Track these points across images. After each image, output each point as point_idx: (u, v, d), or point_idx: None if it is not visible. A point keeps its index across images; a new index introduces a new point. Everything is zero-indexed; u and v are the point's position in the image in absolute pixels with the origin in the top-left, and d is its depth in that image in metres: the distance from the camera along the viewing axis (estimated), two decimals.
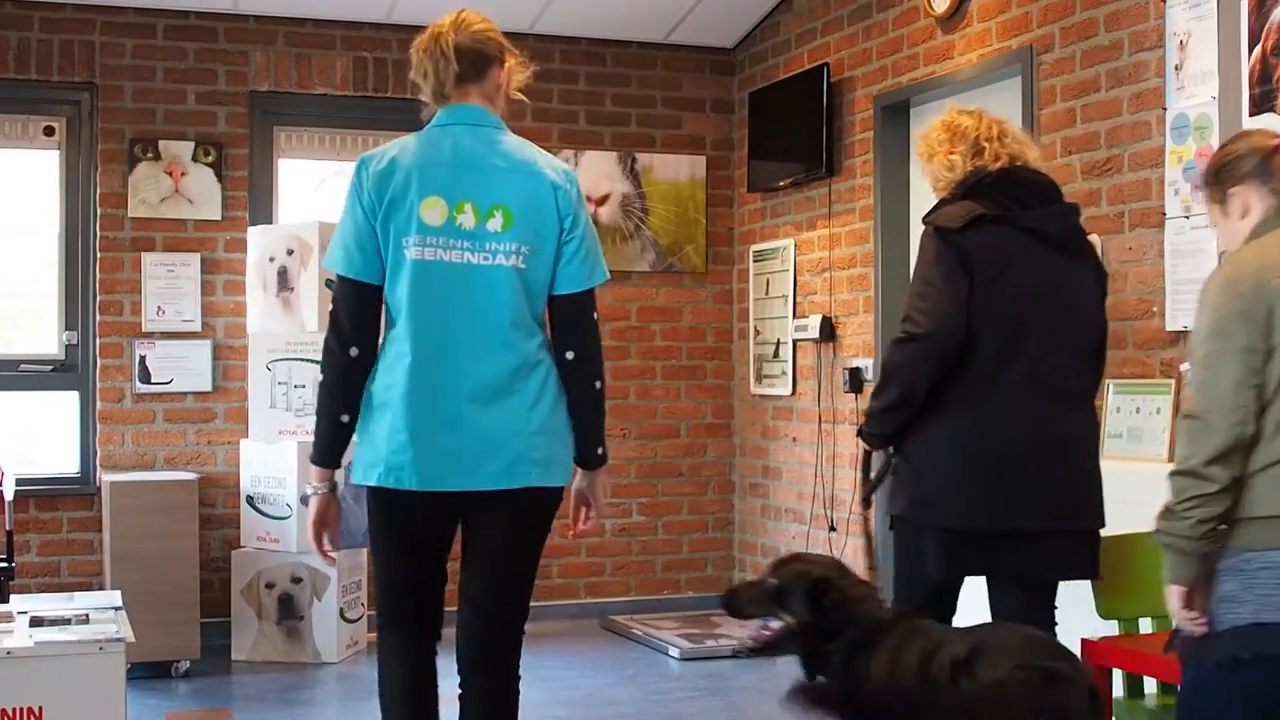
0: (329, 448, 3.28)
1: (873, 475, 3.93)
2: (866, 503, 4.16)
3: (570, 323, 3.30)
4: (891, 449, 3.74)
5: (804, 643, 3.17)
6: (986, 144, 3.71)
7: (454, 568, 3.41)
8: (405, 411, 3.17)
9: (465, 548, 3.34)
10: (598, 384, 3.34)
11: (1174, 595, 2.85)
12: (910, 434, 3.65)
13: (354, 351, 3.22)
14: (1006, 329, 3.56)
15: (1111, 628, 3.78)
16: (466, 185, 3.21)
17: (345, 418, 3.24)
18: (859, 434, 3.87)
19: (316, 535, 3.32)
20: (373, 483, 3.22)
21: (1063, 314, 3.58)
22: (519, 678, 3.34)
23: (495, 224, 3.21)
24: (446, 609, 3.42)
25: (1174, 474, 2.82)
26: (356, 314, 3.23)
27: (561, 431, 3.31)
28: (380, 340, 3.25)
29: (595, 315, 3.35)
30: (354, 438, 3.29)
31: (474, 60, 3.28)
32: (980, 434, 3.55)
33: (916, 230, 6.16)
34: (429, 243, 3.18)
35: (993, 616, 3.69)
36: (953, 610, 3.75)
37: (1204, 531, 2.78)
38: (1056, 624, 3.71)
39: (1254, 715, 2.80)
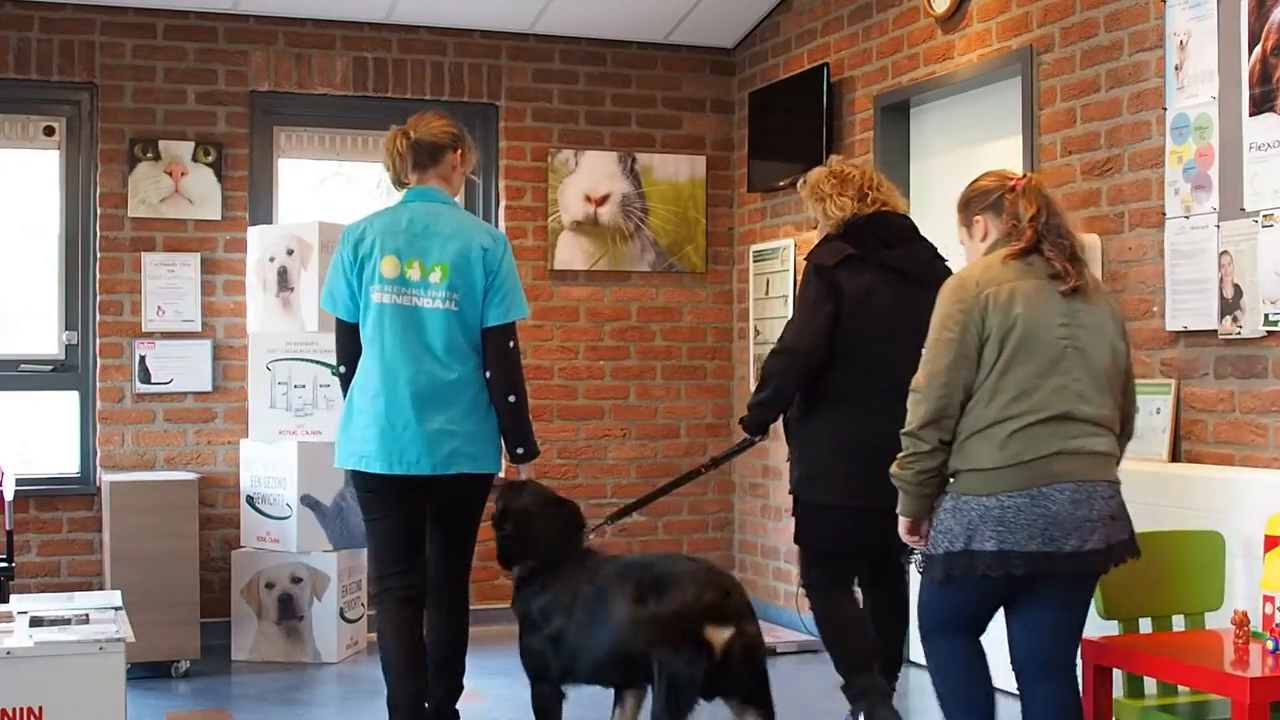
0: None
1: (731, 451, 5.08)
2: (714, 464, 5.07)
3: (492, 348, 4.31)
4: (761, 438, 4.74)
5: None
6: (868, 191, 4.61)
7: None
8: (371, 417, 4.28)
9: (429, 516, 4.42)
10: (512, 398, 4.31)
11: (904, 524, 3.69)
12: (798, 428, 4.60)
13: (343, 369, 4.45)
14: (870, 345, 4.45)
15: (1111, 627, 3.79)
16: (416, 248, 4.31)
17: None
18: (740, 422, 4.78)
19: None
20: (350, 466, 4.38)
21: (911, 333, 3.99)
22: (468, 603, 4.53)
23: (435, 277, 4.28)
24: None
25: (902, 434, 3.58)
26: (343, 341, 4.44)
27: (489, 434, 4.34)
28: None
29: (513, 343, 4.33)
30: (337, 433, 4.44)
31: (430, 151, 4.39)
32: (850, 429, 4.44)
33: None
34: (386, 290, 4.29)
35: (872, 584, 4.73)
36: (852, 577, 4.67)
37: (923, 479, 3.58)
38: (909, 584, 4.60)
39: (964, 620, 3.71)
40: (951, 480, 3.58)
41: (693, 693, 3.74)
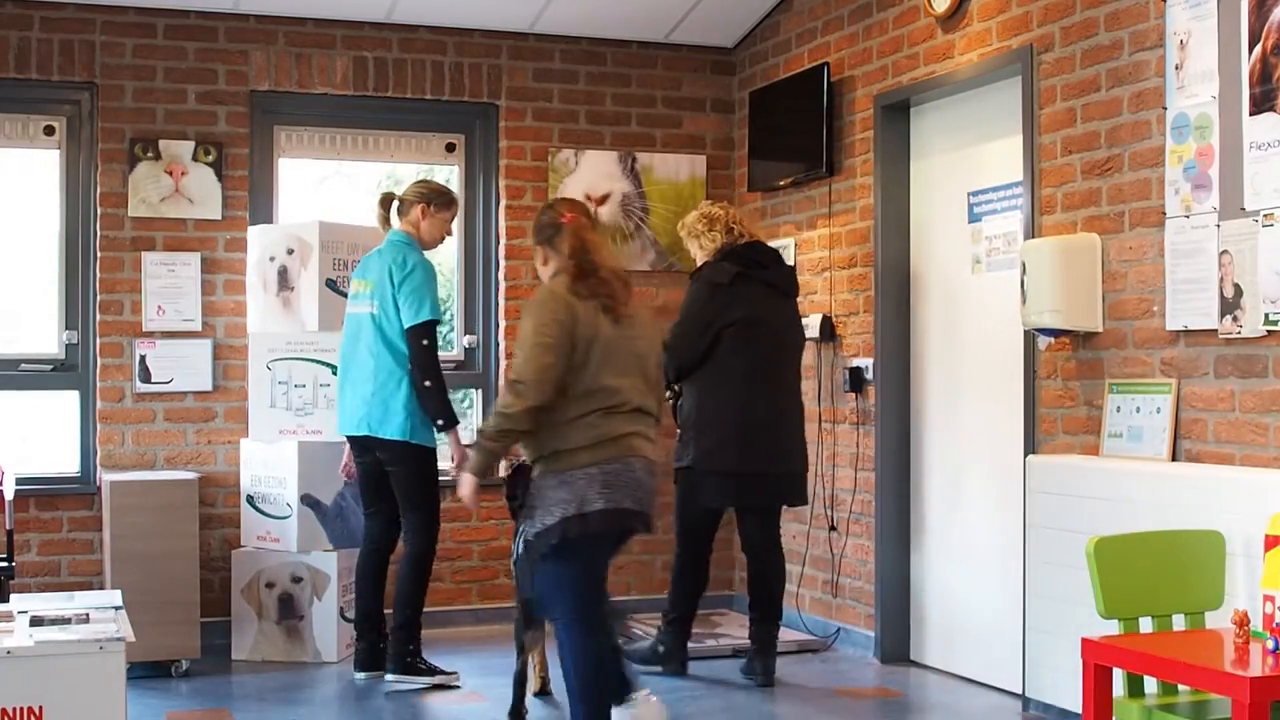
0: None
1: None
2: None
3: (410, 345, 5.58)
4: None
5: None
6: (734, 226, 5.86)
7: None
8: (338, 393, 5.83)
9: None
10: (427, 383, 5.56)
11: (470, 482, 4.49)
12: (694, 414, 5.73)
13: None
14: (757, 345, 5.68)
15: (1112, 627, 3.79)
16: (365, 271, 5.76)
17: None
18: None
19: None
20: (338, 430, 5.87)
21: (784, 336, 5.85)
22: (416, 549, 5.71)
23: (366, 290, 5.69)
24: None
25: (496, 413, 4.34)
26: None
27: (396, 407, 5.59)
28: None
29: (423, 341, 5.55)
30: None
31: (403, 205, 5.79)
32: (742, 412, 5.64)
33: (917, 230, 6.19)
34: (349, 303, 5.83)
35: (741, 538, 5.97)
36: (714, 531, 5.93)
37: (502, 447, 4.38)
38: (780, 537, 5.94)
39: (586, 587, 4.35)
40: (546, 459, 4.32)
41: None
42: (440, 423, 5.63)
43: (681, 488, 5.85)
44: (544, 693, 5.48)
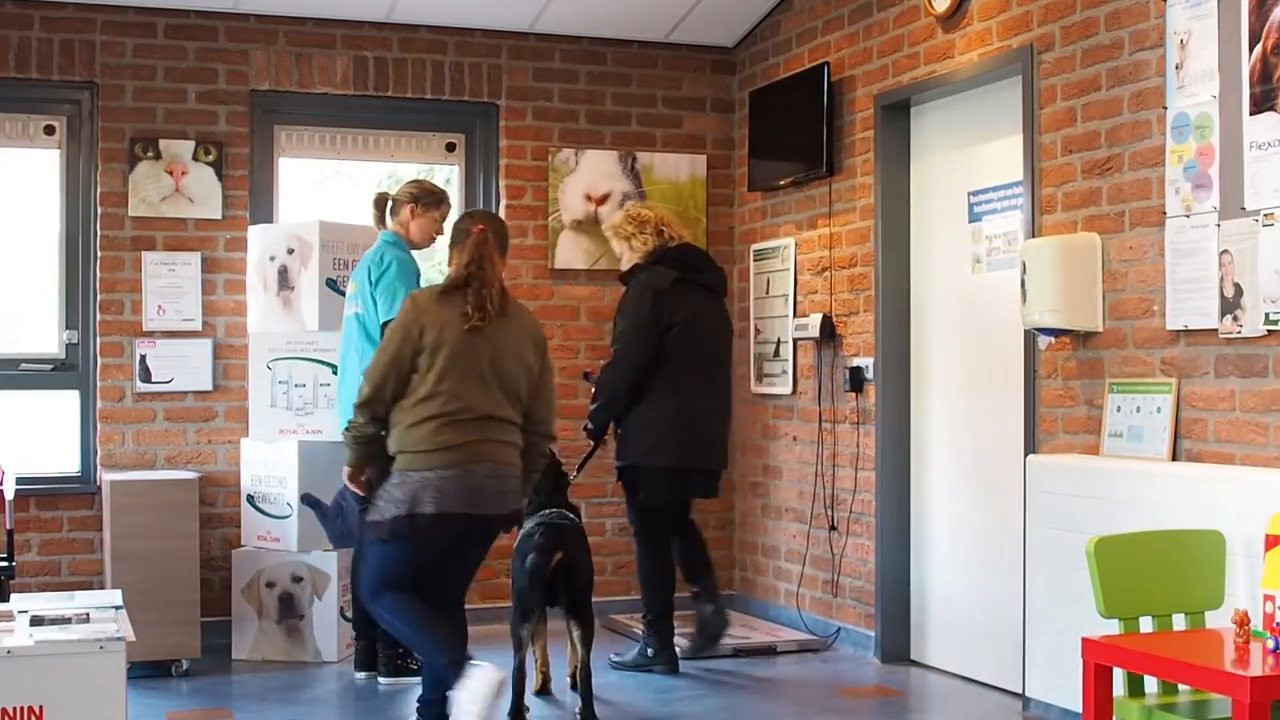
0: None
1: (587, 458, 6.13)
2: (576, 471, 5.99)
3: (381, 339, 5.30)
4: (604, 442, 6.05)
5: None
6: (664, 228, 6.00)
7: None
8: (338, 393, 5.88)
9: None
10: None
11: (346, 471, 4.71)
12: (637, 412, 5.86)
13: None
14: (697, 346, 5.89)
15: (1112, 626, 3.79)
16: (356, 273, 5.80)
17: None
18: (585, 430, 6.05)
19: None
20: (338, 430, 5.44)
21: (720, 336, 6.15)
22: None
23: (354, 291, 5.75)
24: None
25: (355, 405, 4.58)
26: None
27: None
28: None
29: None
30: None
31: (393, 205, 5.84)
32: (682, 411, 5.83)
33: (917, 230, 6.19)
34: (345, 303, 5.89)
35: (684, 528, 6.12)
36: (668, 524, 6.04)
37: (363, 440, 4.59)
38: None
39: (403, 573, 4.58)
40: (395, 458, 4.55)
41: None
42: None
43: (628, 487, 6.00)
44: (545, 691, 5.50)
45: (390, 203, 5.84)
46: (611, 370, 5.90)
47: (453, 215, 6.58)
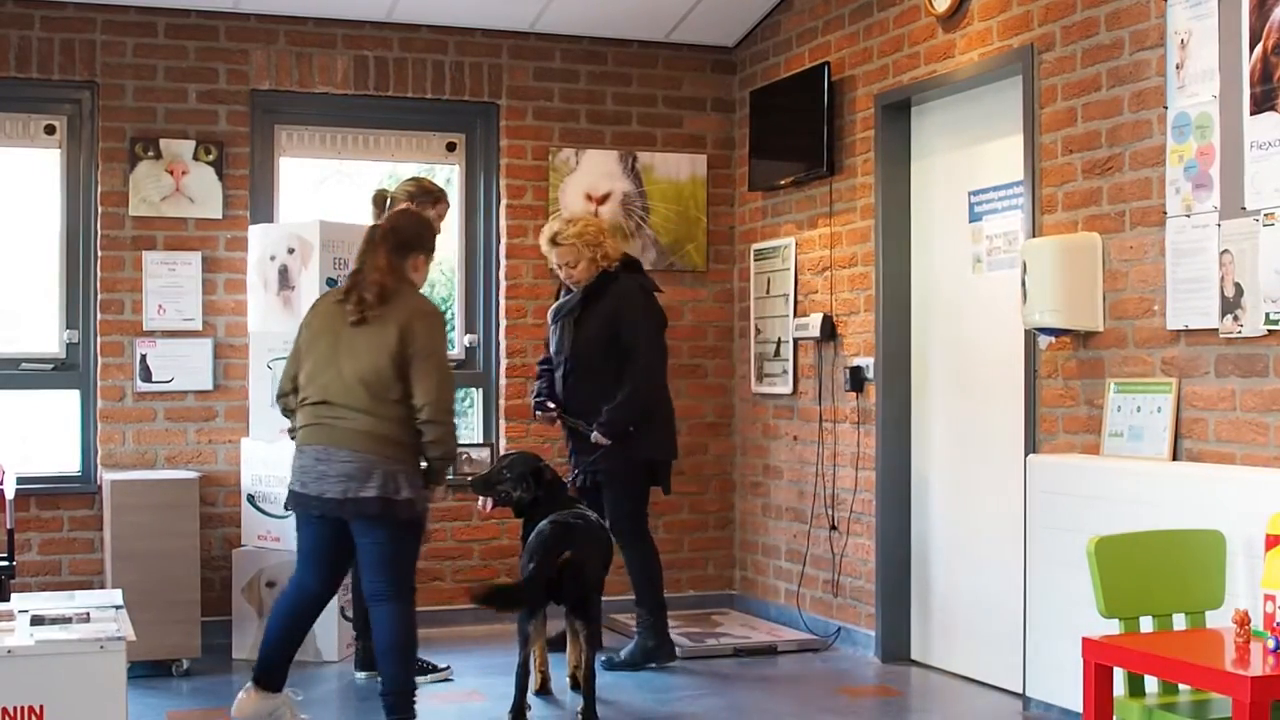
0: None
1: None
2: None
3: None
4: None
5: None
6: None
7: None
8: None
9: None
10: None
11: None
12: (645, 409, 6.08)
13: None
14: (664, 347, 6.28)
15: (1112, 626, 3.79)
16: None
17: None
18: (602, 426, 6.00)
19: None
20: None
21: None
22: None
23: None
24: None
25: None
26: None
27: None
28: None
29: None
30: None
31: (391, 205, 5.60)
32: (669, 405, 6.23)
33: (918, 229, 6.19)
34: None
35: (610, 518, 6.01)
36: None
37: (290, 428, 5.00)
38: None
39: (298, 549, 4.91)
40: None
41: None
42: None
43: (633, 481, 6.11)
44: (544, 691, 5.51)
45: (389, 201, 5.84)
46: (644, 372, 6.02)
47: (452, 215, 6.64)
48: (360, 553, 4.81)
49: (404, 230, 4.92)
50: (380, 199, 5.86)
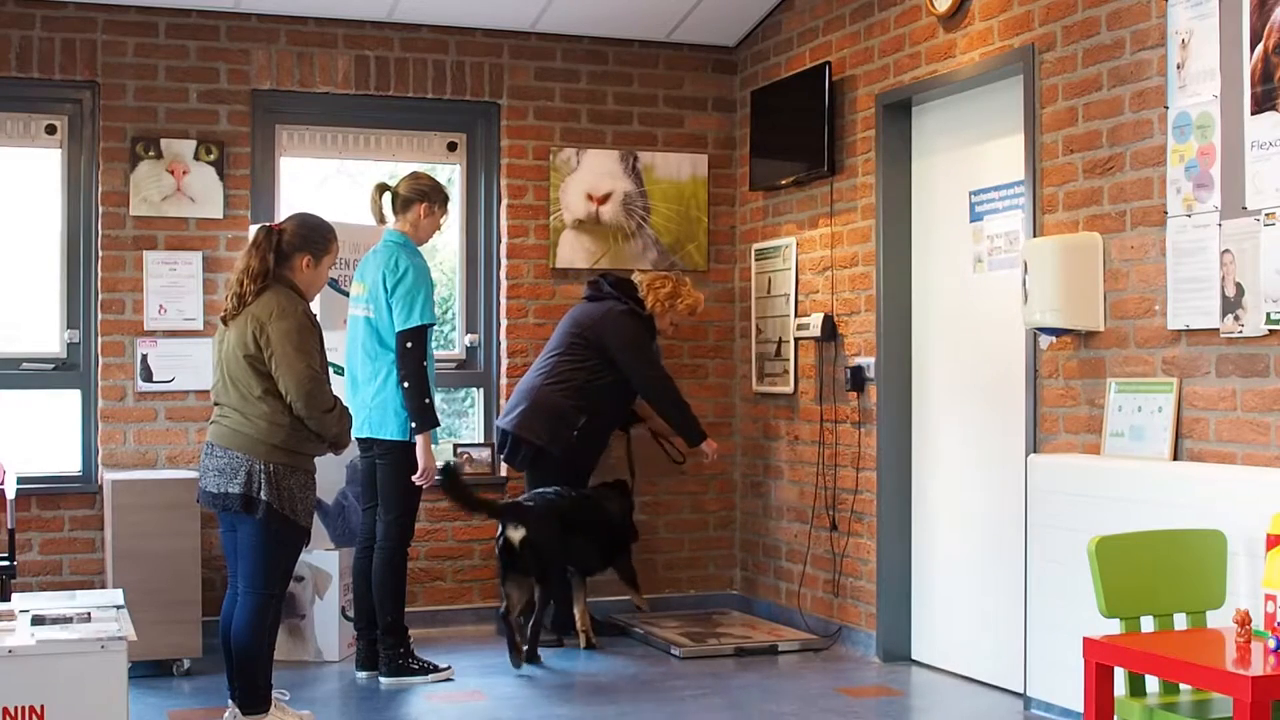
0: None
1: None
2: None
3: (397, 347, 5.69)
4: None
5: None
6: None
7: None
8: (347, 395, 5.87)
9: None
10: (405, 384, 5.67)
11: None
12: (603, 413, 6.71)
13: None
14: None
15: (1113, 626, 3.79)
16: (362, 273, 5.87)
17: None
18: (695, 438, 6.71)
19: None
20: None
21: None
22: (389, 554, 5.89)
23: (362, 294, 5.82)
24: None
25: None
26: None
27: (390, 408, 5.72)
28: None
29: (408, 343, 5.66)
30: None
31: (402, 202, 5.83)
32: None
33: (918, 229, 6.19)
34: (350, 304, 6.00)
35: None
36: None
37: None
38: None
39: (224, 548, 5.10)
40: None
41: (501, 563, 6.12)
42: (414, 424, 5.70)
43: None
44: (590, 646, 6.42)
45: (394, 197, 5.84)
46: (659, 384, 6.63)
47: (453, 215, 6.64)
48: (237, 540, 4.97)
49: (298, 231, 4.99)
50: (381, 190, 5.87)
